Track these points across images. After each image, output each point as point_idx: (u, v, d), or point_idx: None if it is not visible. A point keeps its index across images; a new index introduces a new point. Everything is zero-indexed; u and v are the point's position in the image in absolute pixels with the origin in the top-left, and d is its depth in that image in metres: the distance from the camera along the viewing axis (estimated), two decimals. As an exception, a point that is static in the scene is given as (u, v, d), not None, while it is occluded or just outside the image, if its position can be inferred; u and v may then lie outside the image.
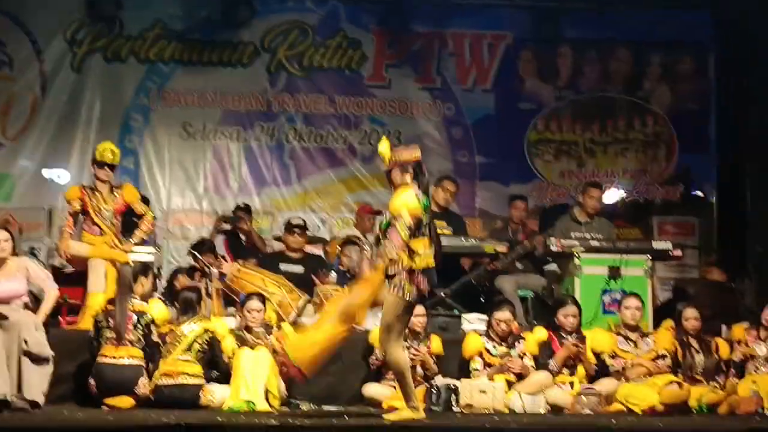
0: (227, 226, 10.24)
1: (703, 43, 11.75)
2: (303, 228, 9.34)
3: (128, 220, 8.45)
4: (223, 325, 7.57)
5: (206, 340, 7.32)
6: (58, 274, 8.35)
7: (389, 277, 6.25)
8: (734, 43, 11.61)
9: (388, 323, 6.30)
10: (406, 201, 6.29)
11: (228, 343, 7.44)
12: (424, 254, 6.26)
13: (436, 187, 9.26)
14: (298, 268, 9.07)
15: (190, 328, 7.33)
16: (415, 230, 6.25)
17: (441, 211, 9.20)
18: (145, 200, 9.10)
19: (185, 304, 7.51)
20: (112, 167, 8.23)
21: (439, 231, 8.71)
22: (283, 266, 9.00)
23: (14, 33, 11.00)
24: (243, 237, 10.21)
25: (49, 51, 11.06)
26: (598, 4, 11.56)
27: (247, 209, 10.40)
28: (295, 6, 11.47)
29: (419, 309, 7.60)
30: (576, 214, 9.27)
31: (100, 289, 7.85)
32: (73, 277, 8.26)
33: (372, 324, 8.13)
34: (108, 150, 8.20)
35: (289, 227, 9.33)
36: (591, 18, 11.66)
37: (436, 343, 7.81)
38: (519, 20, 11.59)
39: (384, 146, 6.51)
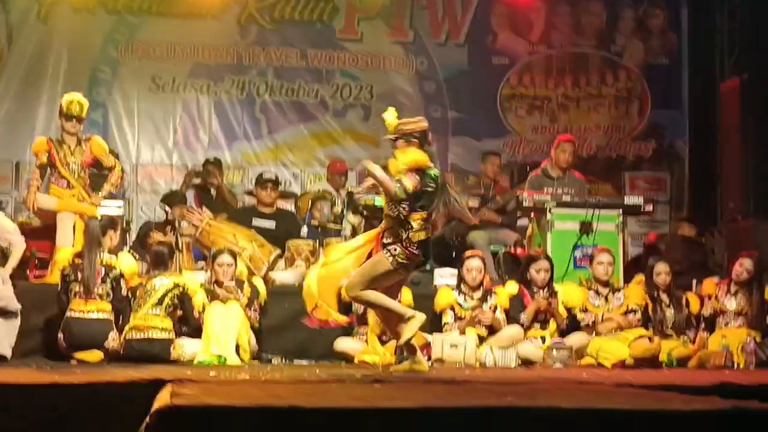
0: (198, 181, 10.15)
1: (676, -1, 11.72)
2: (275, 182, 9.27)
3: (97, 174, 8.33)
4: (194, 279, 7.52)
5: (177, 295, 7.26)
6: (25, 228, 8.24)
7: (385, 245, 6.25)
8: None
9: (365, 278, 6.26)
10: (416, 157, 6.21)
11: (199, 298, 7.39)
12: (419, 227, 6.23)
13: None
14: (270, 223, 9.01)
15: (161, 283, 7.26)
16: (414, 203, 6.20)
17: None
18: (114, 154, 8.98)
19: (156, 258, 7.44)
20: (79, 119, 8.09)
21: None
22: (255, 221, 8.94)
23: (-21, -18, 10.80)
24: (213, 191, 10.13)
25: (15, 1, 10.84)
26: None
27: (217, 163, 10.31)
28: (264, -43, 11.30)
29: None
30: (548, 169, 9.25)
31: (68, 243, 7.75)
32: (40, 231, 8.15)
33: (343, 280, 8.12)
34: (75, 102, 8.06)
35: (261, 181, 9.25)
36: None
37: (406, 296, 7.78)
38: (492, -28, 11.48)
39: (390, 115, 6.42)
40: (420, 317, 6.32)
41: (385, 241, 6.30)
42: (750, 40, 11.08)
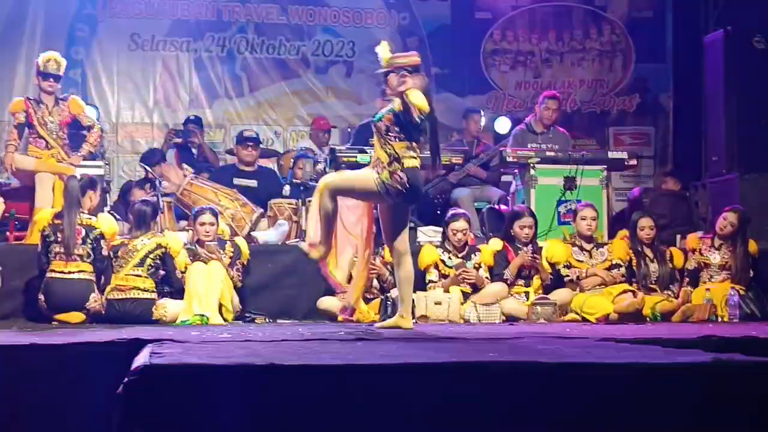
0: (178, 140, 10.06)
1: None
2: (256, 141, 9.19)
3: (76, 134, 8.23)
4: (177, 239, 7.45)
5: (159, 255, 7.20)
6: (3, 188, 8.15)
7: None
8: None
9: (343, 181, 6.22)
10: (418, 96, 6.07)
11: (181, 258, 7.34)
12: (408, 158, 6.07)
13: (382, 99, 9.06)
14: (252, 182, 8.93)
15: (143, 243, 7.20)
16: (405, 133, 6.06)
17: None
18: (95, 109, 8.87)
19: (138, 217, 7.36)
20: (56, 78, 7.97)
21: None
22: (237, 180, 8.86)
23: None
24: (195, 150, 10.05)
25: (-9, -41, 10.69)
26: None
27: (198, 122, 10.23)
28: None
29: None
30: (532, 124, 9.20)
31: (47, 203, 7.67)
32: (19, 192, 8.07)
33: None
34: (52, 60, 7.94)
35: (242, 140, 9.16)
36: None
37: (387, 253, 7.74)
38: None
39: (382, 48, 6.29)
40: (407, 325, 6.23)
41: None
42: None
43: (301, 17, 11.30)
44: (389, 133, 6.09)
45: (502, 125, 10.15)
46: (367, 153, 8.44)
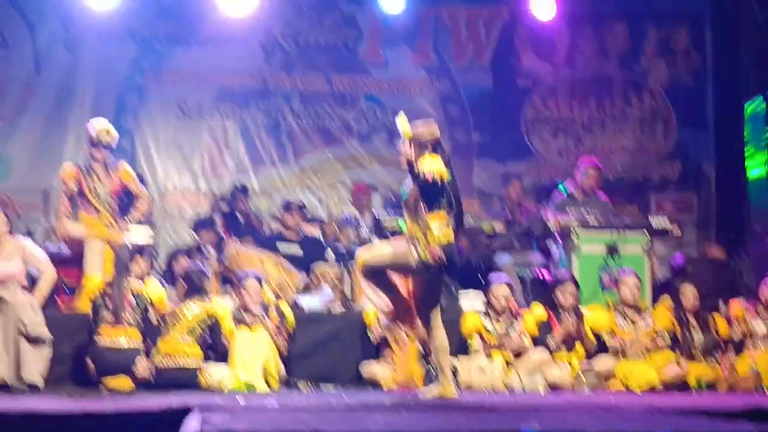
0: (225, 207, 10.21)
1: (699, 17, 11.71)
2: (302, 208, 9.31)
3: (125, 201, 8.39)
4: (225, 307, 7.53)
5: (207, 323, 7.29)
6: (54, 255, 8.31)
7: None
8: (730, 16, 11.58)
9: (382, 257, 6.28)
10: (433, 163, 6.16)
11: (227, 325, 7.42)
12: (441, 230, 6.14)
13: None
14: (296, 249, 9.03)
15: (191, 310, 7.30)
16: (432, 203, 6.14)
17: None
18: (141, 180, 9.05)
19: (189, 285, 7.46)
20: (108, 147, 8.16)
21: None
22: (281, 247, 8.97)
23: (8, 13, 10.91)
24: (241, 218, 10.19)
25: (43, 31, 10.97)
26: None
27: (244, 191, 10.40)
28: (290, -18, 11.39)
29: None
30: (573, 192, 9.24)
31: (97, 270, 7.79)
32: (69, 258, 8.20)
33: (367, 303, 8.16)
34: (105, 131, 8.13)
35: (289, 207, 9.29)
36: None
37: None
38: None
39: (402, 121, 6.34)
40: (451, 394, 6.25)
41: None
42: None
43: (344, 86, 11.49)
44: (418, 209, 6.15)
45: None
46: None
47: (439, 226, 6.13)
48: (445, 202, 6.18)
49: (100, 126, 8.15)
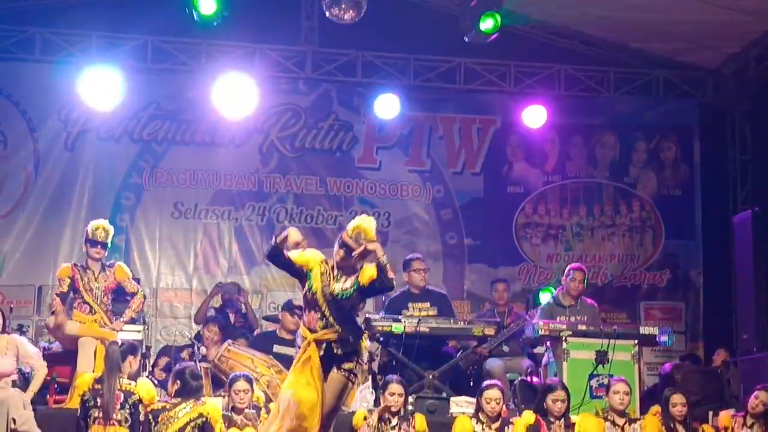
0: (219, 302, 10.27)
1: (688, 130, 11.97)
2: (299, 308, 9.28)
3: (119, 299, 8.45)
4: (216, 408, 7.47)
5: (199, 424, 7.27)
6: (46, 352, 8.32)
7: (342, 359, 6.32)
8: (718, 130, 11.86)
9: (337, 407, 6.41)
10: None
11: (219, 426, 7.39)
12: (366, 337, 6.43)
13: (406, 272, 9.25)
14: (292, 350, 9.02)
15: (184, 410, 7.28)
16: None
17: (419, 292, 9.19)
18: (135, 279, 9.11)
19: (182, 384, 7.42)
20: (104, 246, 8.25)
21: (423, 313, 8.89)
22: (276, 347, 8.97)
23: (9, 111, 11.11)
24: (232, 317, 10.22)
25: (44, 129, 11.16)
26: (587, 90, 11.79)
27: (239, 290, 10.47)
28: (288, 88, 11.63)
29: (397, 387, 7.66)
30: (560, 298, 9.32)
31: (88, 368, 7.81)
32: (61, 356, 8.22)
33: (360, 406, 8.17)
34: (101, 228, 8.24)
35: (290, 308, 9.28)
36: (578, 103, 11.87)
37: (420, 422, 7.79)
38: (507, 105, 11.78)
39: (372, 224, 6.54)
40: None
41: (338, 352, 6.25)
42: (762, 173, 11.32)
43: (339, 188, 11.67)
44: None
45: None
46: (401, 322, 8.60)
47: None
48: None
49: (96, 223, 8.26)
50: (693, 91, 11.89)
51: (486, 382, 8.03)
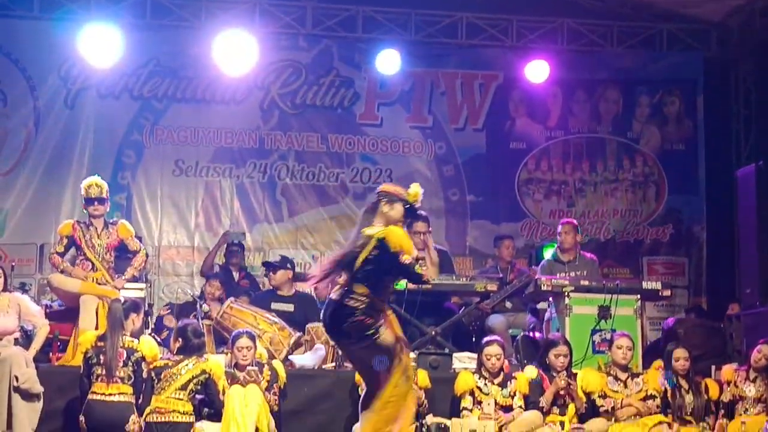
0: (223, 259, 10.29)
1: (692, 84, 11.88)
2: (278, 266, 9.22)
3: (122, 257, 8.44)
4: (219, 364, 7.52)
5: (202, 381, 7.29)
6: (48, 310, 8.34)
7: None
8: (722, 84, 11.77)
9: None
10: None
11: (221, 383, 7.42)
12: None
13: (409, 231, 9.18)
14: (289, 307, 9.05)
15: (187, 367, 7.30)
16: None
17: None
18: (138, 237, 9.10)
19: (184, 341, 7.43)
20: (100, 201, 8.22)
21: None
22: (275, 305, 8.99)
23: (9, 69, 11.03)
24: (235, 274, 10.23)
25: (44, 87, 11.09)
26: (590, 45, 11.69)
27: (240, 246, 10.46)
28: (288, 45, 11.54)
29: None
30: (559, 254, 9.31)
31: (91, 325, 7.83)
32: (63, 313, 8.24)
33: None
34: (93, 185, 8.22)
35: (266, 266, 9.33)
36: (581, 58, 11.78)
37: (422, 377, 7.81)
38: (509, 60, 11.69)
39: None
40: None
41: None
42: (766, 127, 11.24)
43: (340, 146, 11.61)
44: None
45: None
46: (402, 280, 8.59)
47: None
48: None
49: (88, 181, 8.25)
50: (697, 44, 11.78)
51: (486, 339, 8.07)
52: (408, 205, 6.10)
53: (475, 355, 8.23)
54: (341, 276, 5.96)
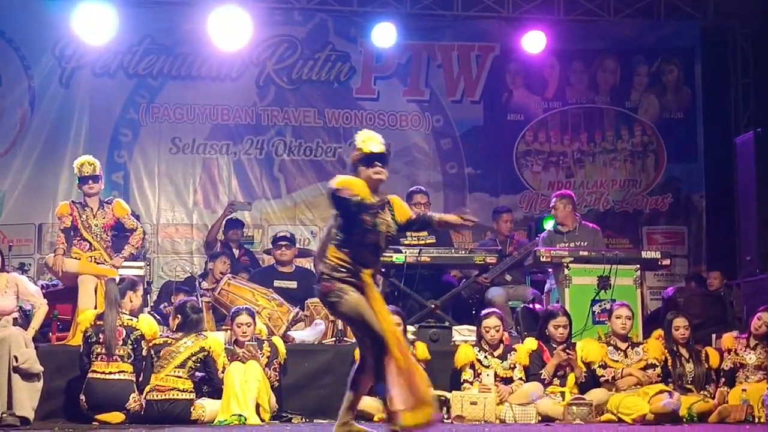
0: (223, 236, 10.28)
1: (690, 52, 11.81)
2: (290, 241, 9.31)
3: (119, 236, 8.43)
4: (218, 342, 7.54)
5: (201, 358, 7.30)
6: (48, 289, 8.33)
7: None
8: (720, 52, 11.70)
9: None
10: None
11: (221, 359, 7.43)
12: None
13: (408, 204, 9.17)
14: (292, 284, 9.03)
15: (186, 345, 7.31)
16: None
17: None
18: (135, 215, 9.09)
19: (183, 319, 7.44)
20: (95, 179, 8.18)
21: (422, 242, 8.83)
22: (277, 282, 8.97)
23: (3, 49, 10.98)
24: (236, 251, 10.22)
25: (38, 67, 11.04)
26: (586, 14, 11.62)
27: (238, 223, 10.44)
28: (283, 19, 11.48)
29: (395, 317, 7.61)
30: (558, 225, 9.28)
31: (90, 304, 7.82)
32: (62, 293, 8.23)
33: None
34: (85, 163, 8.18)
35: (276, 241, 9.32)
36: (578, 28, 11.71)
37: (421, 350, 7.82)
38: (505, 32, 11.63)
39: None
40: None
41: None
42: (764, 94, 11.19)
43: (337, 120, 11.57)
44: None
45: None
46: (402, 253, 8.58)
47: None
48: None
49: (80, 160, 8.22)
50: (694, 12, 11.70)
51: (484, 311, 8.07)
52: (364, 156, 5.67)
53: (474, 328, 8.23)
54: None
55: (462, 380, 7.76)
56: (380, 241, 5.64)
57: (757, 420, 7.55)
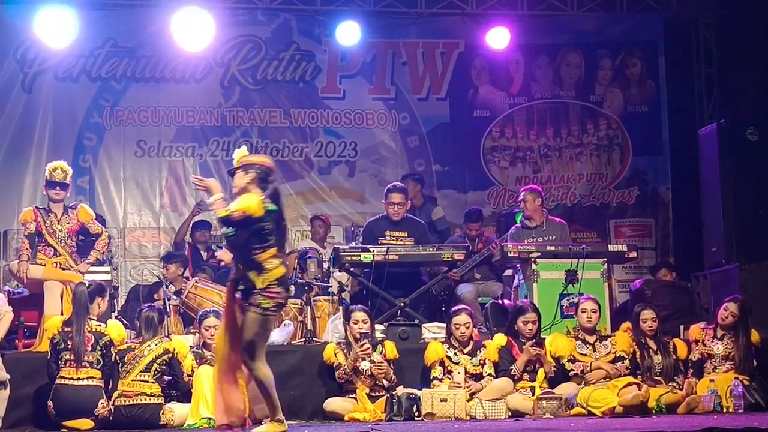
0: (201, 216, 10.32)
1: (653, 46, 11.87)
2: None
3: (85, 241, 8.37)
4: (183, 343, 7.52)
5: (166, 360, 7.27)
6: (13, 296, 8.26)
7: (244, 296, 6.00)
8: (683, 45, 11.77)
9: (251, 340, 5.98)
10: (246, 200, 6.15)
11: (188, 362, 7.40)
12: (273, 266, 5.99)
13: (384, 201, 9.21)
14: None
15: (150, 348, 7.28)
16: (261, 243, 5.99)
17: (399, 219, 9.14)
18: (101, 220, 9.02)
19: (146, 322, 7.43)
20: (63, 186, 8.13)
21: (400, 242, 8.86)
22: (242, 282, 8.92)
23: (-37, 53, 10.89)
24: (204, 254, 10.17)
25: (0, 71, 10.93)
26: (550, 9, 11.65)
27: (204, 225, 10.39)
28: (246, 20, 11.44)
29: (360, 315, 7.67)
30: (525, 220, 9.31)
31: (56, 311, 7.76)
32: (28, 300, 8.17)
33: (331, 337, 8.18)
34: (58, 169, 8.13)
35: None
36: (542, 23, 11.74)
37: (390, 349, 7.83)
38: (470, 28, 11.64)
39: (240, 150, 6.48)
40: (281, 429, 6.06)
41: (241, 288, 6.03)
42: (727, 85, 11.26)
43: (303, 120, 11.53)
44: (253, 246, 5.99)
45: None
46: (370, 251, 8.58)
47: (270, 264, 6.00)
48: (270, 242, 6.02)
49: (54, 165, 8.15)
50: (656, 5, 11.75)
51: (454, 308, 8.08)
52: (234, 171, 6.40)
53: (444, 325, 8.24)
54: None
55: (432, 377, 7.77)
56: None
57: (725, 410, 7.61)
